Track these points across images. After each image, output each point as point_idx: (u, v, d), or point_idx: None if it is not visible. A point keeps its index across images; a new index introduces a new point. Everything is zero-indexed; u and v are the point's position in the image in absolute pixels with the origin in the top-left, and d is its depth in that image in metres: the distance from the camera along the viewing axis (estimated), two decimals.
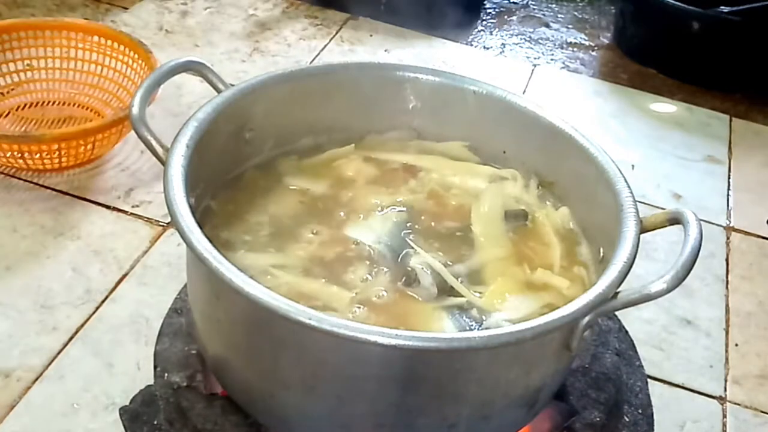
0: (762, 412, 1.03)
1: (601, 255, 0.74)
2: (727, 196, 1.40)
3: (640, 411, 0.85)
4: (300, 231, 0.77)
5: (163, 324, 0.84)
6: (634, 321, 1.04)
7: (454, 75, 0.85)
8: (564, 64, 1.74)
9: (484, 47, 1.76)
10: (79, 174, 1.22)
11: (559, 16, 1.92)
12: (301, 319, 0.57)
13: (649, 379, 0.90)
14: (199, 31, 1.63)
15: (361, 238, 0.76)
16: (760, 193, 1.41)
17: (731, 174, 1.45)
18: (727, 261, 1.25)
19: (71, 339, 0.98)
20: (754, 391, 1.05)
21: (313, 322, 0.57)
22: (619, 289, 0.63)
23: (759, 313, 1.17)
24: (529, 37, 1.82)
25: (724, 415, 1.02)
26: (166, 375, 0.78)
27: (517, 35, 1.82)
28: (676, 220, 0.68)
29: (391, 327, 0.60)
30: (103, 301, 1.03)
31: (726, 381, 1.06)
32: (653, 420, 0.86)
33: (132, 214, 1.17)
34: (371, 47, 1.66)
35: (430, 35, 1.72)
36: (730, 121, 1.59)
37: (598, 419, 0.80)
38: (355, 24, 1.72)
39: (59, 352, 0.96)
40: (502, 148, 0.85)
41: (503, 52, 1.75)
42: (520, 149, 0.84)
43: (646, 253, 1.20)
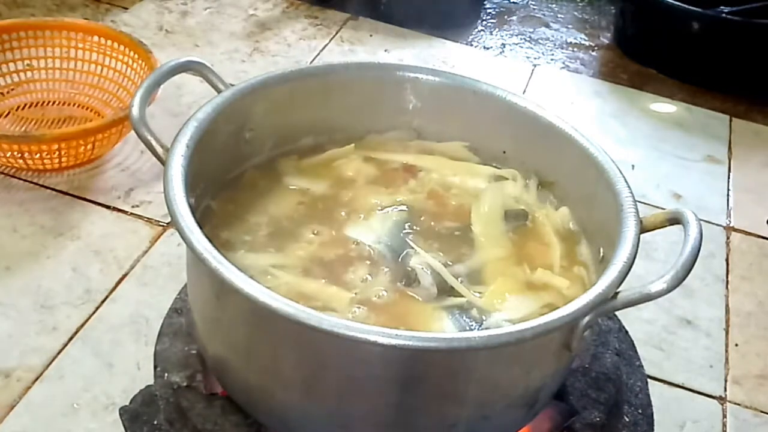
0: (762, 412, 1.03)
1: (601, 255, 0.74)
2: (727, 196, 1.40)
3: (640, 411, 0.85)
4: (300, 231, 0.77)
5: (163, 324, 0.84)
6: (634, 321, 1.04)
7: (454, 75, 0.85)
8: (564, 64, 1.74)
9: (484, 47, 1.76)
10: (79, 174, 1.22)
11: (559, 16, 1.92)
12: (301, 319, 0.57)
13: (649, 379, 0.90)
14: (199, 31, 1.63)
15: (361, 238, 0.76)
16: (760, 193, 1.41)
17: (731, 174, 1.45)
18: (727, 261, 1.25)
19: (71, 339, 0.98)
20: (754, 391, 1.05)
21: (313, 322, 0.57)
22: (619, 289, 0.63)
23: (759, 313, 1.17)
24: (529, 37, 1.82)
25: (724, 415, 1.02)
26: (166, 375, 0.78)
27: (517, 35, 1.82)
28: (676, 220, 0.68)
29: (391, 327, 0.60)
30: (103, 301, 1.03)
31: (726, 381, 1.06)
32: (653, 420, 0.86)
33: (132, 214, 1.17)
34: (371, 47, 1.66)
35: (430, 35, 1.72)
36: (730, 121, 1.59)
37: (598, 419, 0.80)
38: (355, 24, 1.72)
39: (59, 352, 0.96)
40: (502, 148, 0.85)
41: (503, 52, 1.75)
42: (520, 149, 0.84)
43: (646, 253, 1.20)
